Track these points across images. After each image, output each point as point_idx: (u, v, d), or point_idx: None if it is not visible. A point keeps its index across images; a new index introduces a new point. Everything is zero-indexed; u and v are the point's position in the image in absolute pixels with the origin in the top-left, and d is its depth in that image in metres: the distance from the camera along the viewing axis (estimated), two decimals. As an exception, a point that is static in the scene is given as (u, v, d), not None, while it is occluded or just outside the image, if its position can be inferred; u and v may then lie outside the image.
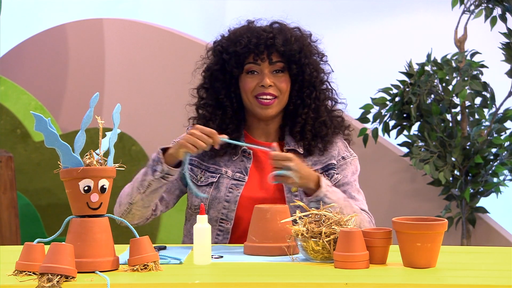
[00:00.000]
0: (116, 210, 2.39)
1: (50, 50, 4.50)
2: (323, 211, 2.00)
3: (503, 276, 1.81)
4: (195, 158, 2.45)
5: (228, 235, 2.38)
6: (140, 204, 2.34)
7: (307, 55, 2.44)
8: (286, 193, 2.39)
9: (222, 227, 2.39)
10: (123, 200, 2.36)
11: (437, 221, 1.89)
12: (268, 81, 2.40)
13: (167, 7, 4.85)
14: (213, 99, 2.47)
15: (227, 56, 2.42)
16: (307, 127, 2.44)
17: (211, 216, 2.39)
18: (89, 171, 1.84)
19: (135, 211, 2.35)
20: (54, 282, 1.70)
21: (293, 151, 2.43)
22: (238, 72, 2.44)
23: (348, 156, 2.48)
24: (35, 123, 1.82)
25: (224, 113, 2.45)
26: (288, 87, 2.44)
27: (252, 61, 2.42)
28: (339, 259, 1.87)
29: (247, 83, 2.42)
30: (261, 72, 2.42)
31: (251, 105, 2.44)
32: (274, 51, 2.41)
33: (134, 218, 2.37)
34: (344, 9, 4.71)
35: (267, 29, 2.43)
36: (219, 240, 2.39)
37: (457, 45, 3.81)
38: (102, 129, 1.89)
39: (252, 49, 2.40)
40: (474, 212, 3.86)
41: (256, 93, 2.42)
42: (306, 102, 2.45)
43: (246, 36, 2.41)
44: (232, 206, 2.38)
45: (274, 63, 2.42)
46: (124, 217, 2.35)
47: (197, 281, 1.74)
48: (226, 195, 2.39)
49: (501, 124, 3.75)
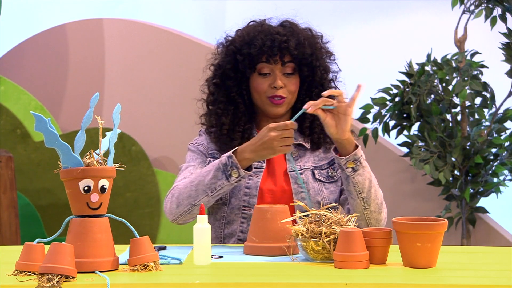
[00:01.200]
0: (172, 210, 2.37)
1: (50, 50, 4.50)
2: (323, 211, 2.00)
3: (503, 276, 1.81)
4: (215, 151, 2.50)
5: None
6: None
7: (318, 57, 2.50)
8: (293, 184, 2.44)
9: (245, 214, 2.43)
10: (184, 202, 2.35)
11: (437, 221, 1.89)
12: (279, 82, 2.46)
13: (167, 7, 4.85)
14: (225, 95, 2.51)
15: (240, 57, 2.47)
16: (316, 122, 2.50)
17: (234, 205, 2.43)
18: (89, 171, 1.84)
19: (196, 211, 2.35)
20: (54, 282, 1.70)
21: (300, 146, 2.50)
22: (250, 72, 2.49)
23: None
24: (35, 123, 1.82)
25: (237, 108, 2.50)
26: (297, 88, 2.50)
27: (264, 60, 2.46)
28: (339, 259, 1.88)
29: (259, 84, 2.48)
30: (273, 73, 2.47)
31: (263, 104, 2.49)
32: (287, 54, 2.46)
33: (193, 216, 2.37)
34: (344, 9, 4.71)
35: (281, 32, 2.47)
36: (244, 228, 2.43)
37: (457, 45, 3.81)
38: (102, 129, 1.89)
39: (266, 51, 2.45)
40: (474, 212, 3.86)
41: (269, 94, 2.47)
42: (314, 100, 2.48)
43: (260, 38, 2.46)
44: (254, 192, 2.43)
45: (286, 64, 2.47)
46: (182, 218, 2.36)
47: (197, 281, 1.74)
48: (247, 182, 2.44)
49: (501, 124, 3.75)
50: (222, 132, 2.48)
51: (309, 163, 2.48)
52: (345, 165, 2.28)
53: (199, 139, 2.55)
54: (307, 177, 2.46)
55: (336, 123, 2.24)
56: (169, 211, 2.38)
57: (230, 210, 2.44)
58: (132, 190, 4.28)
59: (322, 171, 2.48)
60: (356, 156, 2.28)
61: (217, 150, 2.51)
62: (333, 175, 2.48)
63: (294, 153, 2.49)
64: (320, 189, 2.45)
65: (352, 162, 2.27)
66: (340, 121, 2.24)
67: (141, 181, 4.28)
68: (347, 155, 2.29)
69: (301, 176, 2.43)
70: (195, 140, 2.55)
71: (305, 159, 2.49)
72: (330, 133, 2.26)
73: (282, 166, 2.48)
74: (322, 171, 2.48)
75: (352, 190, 2.31)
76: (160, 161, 4.42)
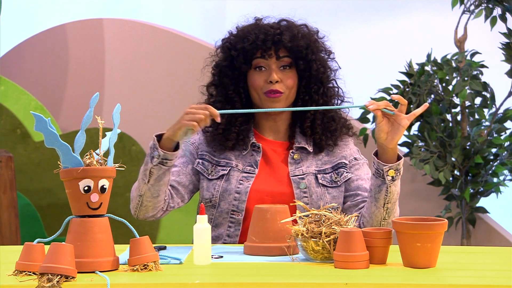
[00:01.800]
0: (131, 207, 2.41)
1: (50, 50, 4.50)
2: (323, 211, 2.00)
3: (503, 276, 1.81)
4: (206, 153, 2.49)
5: (239, 226, 2.41)
6: (148, 195, 2.35)
7: (314, 51, 2.47)
8: (295, 189, 2.42)
9: (233, 218, 2.42)
10: (133, 194, 2.39)
11: (437, 221, 1.89)
12: (275, 76, 2.44)
13: (167, 7, 4.85)
14: (222, 95, 2.50)
15: (235, 53, 2.46)
16: (316, 122, 2.48)
17: (222, 208, 2.42)
18: (89, 171, 1.84)
19: (146, 203, 2.36)
20: (54, 282, 1.70)
21: (302, 149, 2.48)
22: (246, 68, 2.48)
23: (360, 158, 2.52)
24: (35, 123, 1.82)
25: (233, 108, 2.48)
26: (295, 83, 2.48)
27: (259, 56, 2.45)
28: (339, 259, 1.87)
29: (255, 80, 2.46)
30: (269, 68, 2.46)
31: (260, 101, 2.47)
32: (281, 47, 2.45)
33: (148, 210, 2.38)
34: (344, 9, 4.71)
35: (275, 26, 2.47)
36: (231, 232, 2.42)
37: (457, 45, 3.81)
38: (102, 129, 1.89)
39: (260, 45, 2.44)
40: (474, 212, 3.86)
41: (265, 90, 2.45)
42: (314, 98, 2.48)
43: (254, 32, 2.45)
44: (243, 197, 2.41)
45: (281, 58, 2.45)
46: (138, 212, 2.38)
47: (197, 281, 1.74)
48: (237, 186, 2.42)
49: (501, 124, 3.75)
50: (218, 131, 2.48)
51: (312, 167, 2.46)
52: (387, 172, 2.25)
53: (194, 136, 2.54)
54: (309, 182, 2.44)
55: (389, 130, 2.22)
56: (131, 210, 2.41)
57: (219, 213, 2.43)
58: (132, 190, 4.27)
59: (325, 175, 2.45)
60: (399, 166, 2.26)
61: (207, 152, 2.49)
62: (337, 180, 2.46)
63: (297, 156, 2.48)
64: (323, 194, 2.44)
65: (394, 171, 2.25)
66: (393, 129, 2.22)
67: (141, 181, 4.28)
68: (388, 163, 2.27)
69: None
70: None
71: (308, 163, 2.47)
72: (378, 137, 2.23)
73: (284, 170, 2.47)
74: (325, 175, 2.46)
75: (381, 199, 2.28)
76: (160, 161, 4.41)
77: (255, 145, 2.48)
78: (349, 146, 2.52)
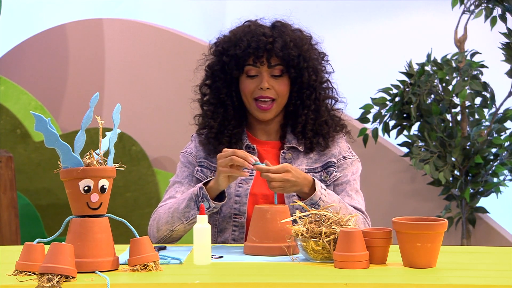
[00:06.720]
0: (154, 234, 2.41)
1: (50, 50, 4.50)
2: (323, 211, 2.00)
3: (503, 276, 1.81)
4: (204, 159, 2.49)
5: (243, 229, 2.41)
6: (181, 231, 2.39)
7: (306, 59, 2.46)
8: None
9: (236, 222, 2.42)
10: (162, 227, 2.39)
11: (437, 221, 1.89)
12: (266, 84, 2.43)
13: (167, 7, 4.85)
14: (215, 97, 2.50)
15: (227, 59, 2.46)
16: (308, 127, 2.47)
17: (225, 213, 2.42)
18: (89, 171, 1.84)
19: (175, 235, 2.40)
20: (54, 282, 1.70)
21: (293, 149, 2.48)
22: (238, 74, 2.47)
23: (349, 157, 2.50)
24: (35, 123, 1.82)
25: (226, 111, 2.48)
26: (287, 90, 2.47)
27: (251, 63, 2.45)
28: (339, 259, 1.88)
29: (246, 86, 2.46)
30: (260, 75, 2.45)
31: (250, 108, 2.48)
32: (273, 55, 2.44)
33: (174, 239, 2.42)
34: (344, 9, 4.71)
35: (267, 33, 2.45)
36: (236, 236, 2.42)
37: (457, 45, 3.81)
38: (102, 129, 1.89)
39: (252, 52, 2.43)
40: (474, 212, 3.86)
41: (255, 95, 2.45)
42: (306, 103, 2.48)
43: (246, 39, 2.44)
44: (244, 200, 2.41)
45: (273, 66, 2.45)
46: (162, 240, 2.40)
47: (197, 281, 1.74)
48: (236, 190, 2.42)
49: (501, 124, 3.75)
50: (211, 134, 2.48)
51: (303, 166, 2.46)
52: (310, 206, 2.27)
53: (189, 146, 2.54)
54: None
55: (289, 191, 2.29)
56: (152, 235, 2.42)
57: (222, 218, 2.43)
58: (132, 190, 4.28)
59: (315, 174, 2.45)
60: (312, 200, 2.29)
61: (205, 158, 2.49)
62: (326, 179, 2.45)
63: (288, 156, 2.48)
64: None
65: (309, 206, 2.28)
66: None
67: (141, 181, 4.29)
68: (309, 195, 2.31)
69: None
70: (186, 148, 2.54)
71: (299, 162, 2.47)
72: None
73: None
74: (315, 174, 2.45)
75: None
76: (160, 161, 4.42)
77: (249, 147, 2.48)
78: (339, 144, 2.51)
